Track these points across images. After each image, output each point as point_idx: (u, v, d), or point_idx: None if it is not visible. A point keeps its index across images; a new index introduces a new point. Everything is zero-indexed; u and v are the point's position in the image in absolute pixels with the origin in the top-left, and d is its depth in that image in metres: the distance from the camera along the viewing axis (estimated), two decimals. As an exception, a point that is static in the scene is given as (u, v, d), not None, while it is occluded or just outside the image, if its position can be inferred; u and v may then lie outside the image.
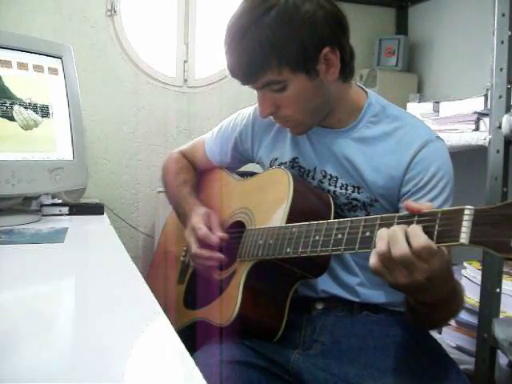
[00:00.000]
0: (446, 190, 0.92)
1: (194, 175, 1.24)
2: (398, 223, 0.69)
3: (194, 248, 1.00)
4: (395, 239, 0.67)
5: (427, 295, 0.74)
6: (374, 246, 0.69)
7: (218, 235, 0.98)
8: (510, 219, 0.58)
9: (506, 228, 0.58)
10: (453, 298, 0.81)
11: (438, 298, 0.75)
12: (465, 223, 0.61)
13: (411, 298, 0.80)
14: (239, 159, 1.18)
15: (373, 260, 0.69)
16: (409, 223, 0.68)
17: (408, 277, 0.67)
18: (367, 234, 0.71)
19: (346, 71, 0.93)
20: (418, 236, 0.65)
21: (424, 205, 0.69)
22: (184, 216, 1.10)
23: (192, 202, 1.11)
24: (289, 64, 0.86)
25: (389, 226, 0.70)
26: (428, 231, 0.65)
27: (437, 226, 0.65)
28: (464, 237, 0.61)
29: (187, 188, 1.17)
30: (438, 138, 0.96)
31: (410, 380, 0.87)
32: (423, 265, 0.66)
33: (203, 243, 0.99)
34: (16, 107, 1.24)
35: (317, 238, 0.79)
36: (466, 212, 0.61)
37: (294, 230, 0.84)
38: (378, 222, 0.71)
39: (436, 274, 0.67)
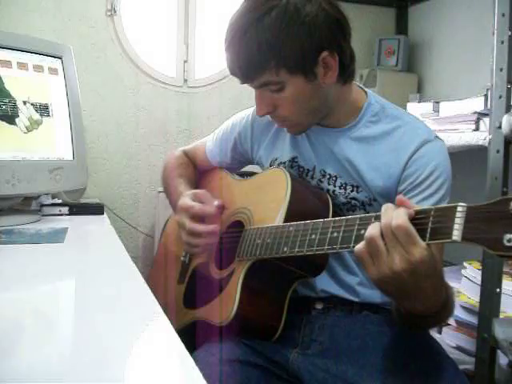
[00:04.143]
0: (442, 188, 0.92)
1: (193, 172, 1.24)
2: None
3: (189, 223, 0.96)
4: (386, 210, 0.68)
5: (417, 303, 0.73)
6: None
7: (214, 204, 0.95)
8: (502, 216, 0.57)
9: (498, 225, 0.57)
10: (443, 310, 0.79)
11: (430, 311, 0.74)
12: (457, 220, 0.61)
13: (401, 306, 0.78)
14: (239, 160, 1.18)
15: (358, 245, 0.70)
16: None
17: (390, 266, 0.66)
18: (362, 231, 0.71)
19: (346, 74, 0.93)
20: (398, 215, 0.66)
21: (412, 204, 0.69)
22: (174, 205, 1.09)
23: (182, 189, 1.10)
24: (287, 66, 0.85)
25: None
26: (422, 228, 0.65)
27: (430, 223, 0.65)
28: (456, 234, 0.61)
29: (181, 180, 1.16)
30: (437, 137, 0.96)
31: (409, 380, 0.86)
32: (403, 251, 0.65)
33: (201, 220, 0.96)
34: (21, 109, 1.24)
35: (313, 236, 0.79)
36: (459, 209, 0.61)
37: (291, 229, 0.84)
38: (373, 220, 0.71)
39: (418, 270, 0.66)
